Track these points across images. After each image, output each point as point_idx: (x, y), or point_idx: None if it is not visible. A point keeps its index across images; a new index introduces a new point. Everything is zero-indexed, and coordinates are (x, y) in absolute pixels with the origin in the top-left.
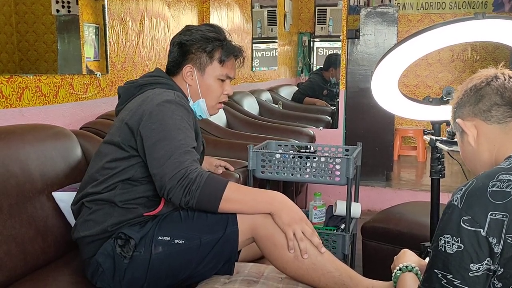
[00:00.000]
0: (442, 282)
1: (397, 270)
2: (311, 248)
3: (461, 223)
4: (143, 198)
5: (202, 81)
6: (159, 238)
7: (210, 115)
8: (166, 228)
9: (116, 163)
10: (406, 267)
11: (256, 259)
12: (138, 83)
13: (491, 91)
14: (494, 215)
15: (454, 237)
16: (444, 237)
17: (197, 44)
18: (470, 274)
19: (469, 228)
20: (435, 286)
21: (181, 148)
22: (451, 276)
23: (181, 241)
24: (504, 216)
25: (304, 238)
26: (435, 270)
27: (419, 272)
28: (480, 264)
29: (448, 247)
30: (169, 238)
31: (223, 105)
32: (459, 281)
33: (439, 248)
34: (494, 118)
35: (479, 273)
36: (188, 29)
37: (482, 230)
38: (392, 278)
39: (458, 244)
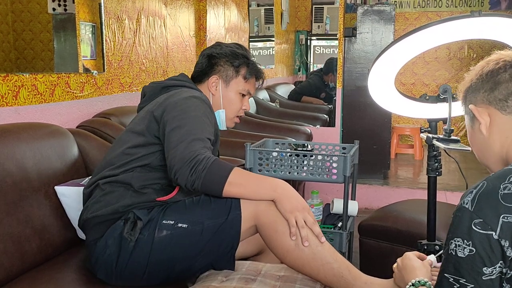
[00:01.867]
0: (455, 287)
1: (410, 285)
2: (312, 238)
3: (473, 226)
4: (158, 184)
5: (226, 93)
6: (164, 222)
7: (227, 128)
8: (171, 213)
9: (137, 149)
10: (419, 281)
11: (253, 254)
12: (165, 83)
13: (509, 78)
14: (506, 218)
15: (465, 241)
16: (455, 241)
17: (226, 58)
18: (483, 278)
19: (481, 231)
20: None
21: (196, 135)
22: (464, 280)
23: (184, 225)
24: None
25: (306, 226)
26: (446, 275)
27: (431, 287)
28: (493, 268)
29: (460, 251)
30: (173, 222)
31: (239, 120)
32: (472, 285)
33: (449, 252)
34: (510, 109)
35: (493, 277)
36: (218, 44)
37: (494, 233)
38: None
39: (470, 247)
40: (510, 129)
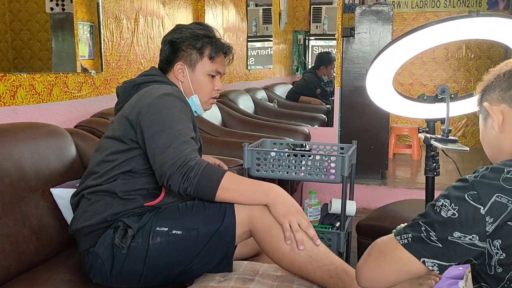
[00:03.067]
0: (422, 234)
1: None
2: (307, 241)
3: (465, 195)
4: (144, 190)
5: (193, 77)
6: (157, 229)
7: (205, 110)
8: (164, 219)
9: (116, 155)
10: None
11: (251, 256)
12: (135, 82)
13: None
14: (499, 197)
15: (453, 204)
16: (444, 200)
17: (187, 42)
18: (449, 238)
19: (471, 202)
20: (414, 234)
21: (180, 137)
22: (434, 234)
23: (179, 232)
24: (510, 202)
25: (300, 229)
26: (421, 222)
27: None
28: (462, 235)
29: (443, 211)
30: (167, 228)
31: (215, 100)
32: (436, 238)
33: (434, 207)
34: None
35: (458, 241)
36: (178, 27)
37: (482, 208)
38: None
39: (454, 211)
40: None
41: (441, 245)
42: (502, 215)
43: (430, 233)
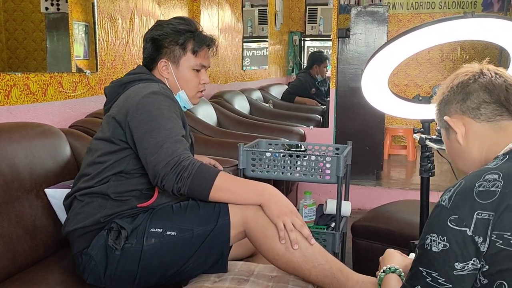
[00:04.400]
0: (427, 280)
1: (381, 272)
2: (302, 240)
3: (448, 223)
4: (137, 191)
5: (178, 73)
6: (151, 230)
7: (193, 105)
8: (158, 220)
9: (107, 156)
10: (390, 268)
11: (246, 257)
12: (122, 81)
13: (478, 88)
14: (480, 214)
15: (440, 236)
16: (430, 236)
17: (169, 38)
18: (454, 273)
19: (455, 227)
20: (420, 284)
21: (171, 136)
22: (436, 274)
23: (173, 233)
24: (490, 216)
25: (294, 229)
26: (420, 268)
27: (402, 274)
28: (465, 264)
29: (434, 246)
30: (161, 229)
31: (203, 94)
32: (443, 279)
33: (425, 247)
34: (483, 116)
35: (464, 272)
36: (159, 23)
37: (468, 230)
38: (377, 280)
39: (444, 243)
40: (485, 135)
41: (451, 285)
42: (488, 231)
43: (433, 274)
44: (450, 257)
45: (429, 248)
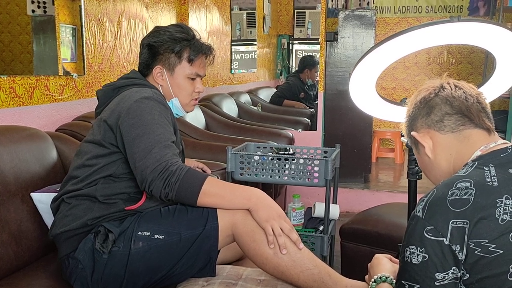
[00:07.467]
0: None
1: (372, 282)
2: (290, 245)
3: (424, 234)
4: (125, 194)
5: (173, 81)
6: (139, 233)
7: (187, 112)
8: (146, 223)
9: (97, 160)
10: (380, 278)
11: (234, 260)
12: (116, 85)
13: (440, 101)
14: (455, 223)
15: (418, 248)
16: (409, 248)
17: (165, 45)
18: (436, 284)
19: (432, 238)
20: None
21: (161, 142)
22: (418, 286)
23: (161, 236)
24: (465, 223)
25: (283, 234)
26: (403, 281)
27: (393, 282)
28: (445, 273)
29: (414, 258)
30: (149, 233)
31: (197, 101)
32: None
33: (405, 260)
34: (447, 128)
35: (445, 282)
36: (156, 30)
37: (445, 239)
38: None
39: (423, 254)
40: (451, 146)
41: None
42: (464, 239)
43: (415, 287)
44: (430, 267)
45: (409, 260)
